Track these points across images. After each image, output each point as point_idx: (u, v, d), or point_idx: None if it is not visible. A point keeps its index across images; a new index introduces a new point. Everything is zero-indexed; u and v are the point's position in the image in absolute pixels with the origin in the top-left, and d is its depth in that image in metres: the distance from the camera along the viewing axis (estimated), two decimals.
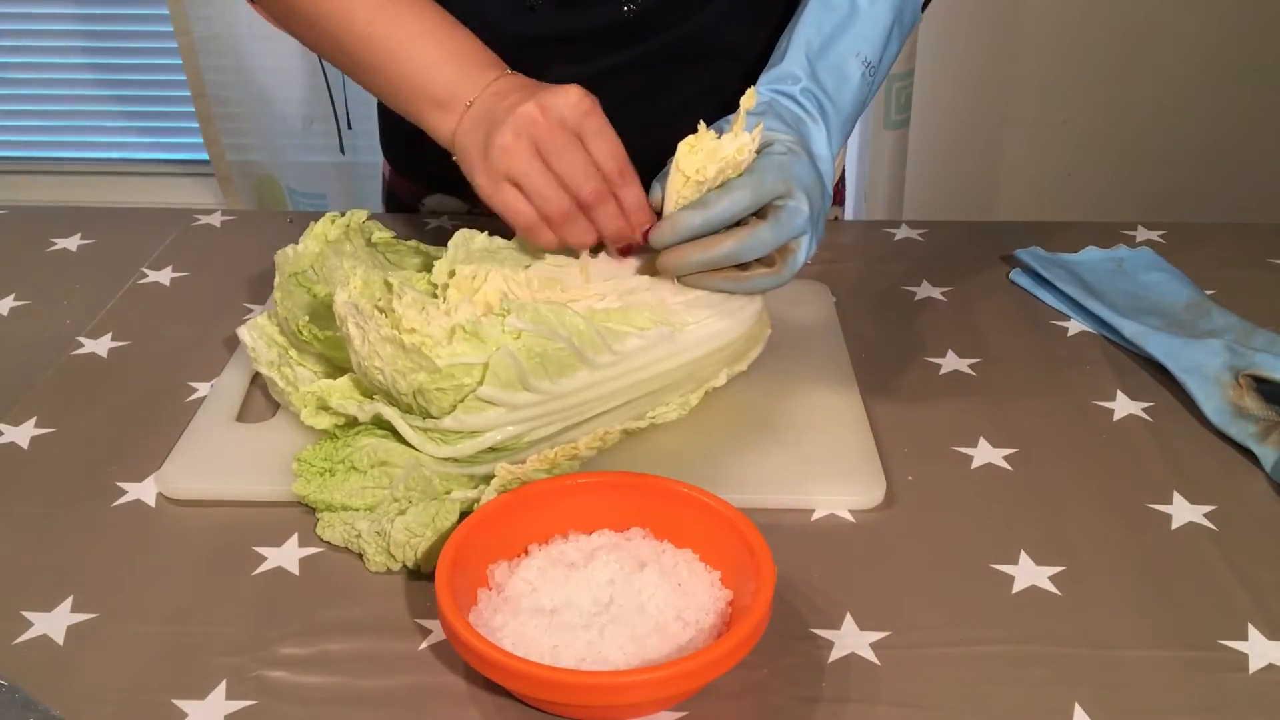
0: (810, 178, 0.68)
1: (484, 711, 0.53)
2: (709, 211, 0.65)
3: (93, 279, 0.90)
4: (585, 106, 0.67)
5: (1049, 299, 0.86)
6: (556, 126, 0.66)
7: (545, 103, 0.66)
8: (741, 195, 0.65)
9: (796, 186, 0.66)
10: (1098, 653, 0.56)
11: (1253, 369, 0.72)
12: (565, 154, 0.66)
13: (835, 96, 0.75)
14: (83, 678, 0.55)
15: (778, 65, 0.76)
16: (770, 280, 0.68)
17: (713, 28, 0.85)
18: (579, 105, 0.67)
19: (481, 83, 0.71)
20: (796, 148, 0.68)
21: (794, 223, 0.66)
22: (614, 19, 0.84)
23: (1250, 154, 1.91)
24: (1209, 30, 1.82)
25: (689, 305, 0.67)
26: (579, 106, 0.67)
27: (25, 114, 2.15)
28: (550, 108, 0.66)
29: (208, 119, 1.95)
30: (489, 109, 0.69)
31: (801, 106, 0.73)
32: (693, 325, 0.67)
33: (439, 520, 0.60)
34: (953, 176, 1.97)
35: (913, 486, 0.67)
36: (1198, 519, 0.65)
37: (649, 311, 0.66)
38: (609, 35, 0.85)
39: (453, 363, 0.61)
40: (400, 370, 0.61)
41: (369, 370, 0.63)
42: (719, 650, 0.50)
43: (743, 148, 0.65)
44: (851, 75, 0.76)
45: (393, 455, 0.64)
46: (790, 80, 0.74)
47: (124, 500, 0.66)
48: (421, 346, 0.61)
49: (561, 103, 0.67)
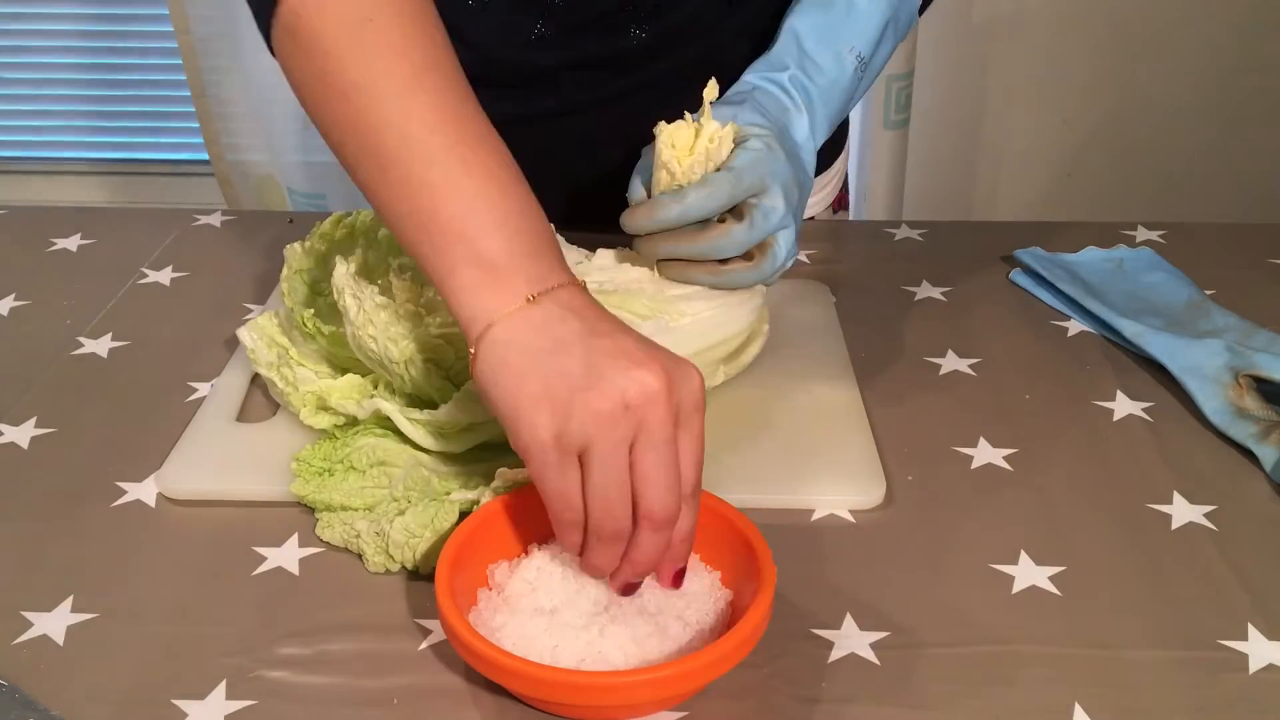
0: (787, 174, 0.68)
1: (484, 711, 0.53)
2: (685, 205, 0.65)
3: (93, 279, 0.90)
4: (700, 397, 0.53)
5: (1049, 299, 0.86)
6: (674, 419, 0.51)
7: (675, 381, 0.51)
8: (718, 191, 0.65)
9: (773, 183, 0.67)
10: (1098, 653, 0.56)
11: (1253, 369, 0.72)
12: (664, 454, 0.51)
13: (824, 87, 0.74)
14: (83, 678, 0.55)
15: (768, 53, 0.76)
16: (750, 275, 0.68)
17: (721, 50, 0.84)
18: (698, 394, 0.53)
19: (552, 281, 0.54)
20: (774, 143, 0.68)
21: (769, 221, 0.66)
22: (623, 45, 0.83)
23: (1250, 154, 1.91)
24: (1209, 30, 1.82)
25: (686, 298, 0.68)
26: (697, 395, 0.53)
27: (25, 114, 2.15)
28: (676, 386, 0.51)
29: (208, 119, 1.95)
30: (570, 335, 0.52)
31: (787, 93, 0.73)
32: (689, 318, 0.67)
33: (438, 521, 0.60)
34: (953, 176, 1.97)
35: (913, 486, 0.67)
36: (1198, 519, 0.65)
37: (646, 300, 0.66)
38: (618, 61, 0.85)
39: (445, 331, 0.61)
40: (392, 337, 0.61)
41: (363, 341, 0.63)
42: (719, 650, 0.50)
43: (715, 137, 0.65)
44: (845, 68, 0.75)
45: (391, 455, 0.64)
46: (779, 67, 0.74)
47: (124, 500, 0.66)
48: (417, 314, 0.61)
49: (686, 387, 0.52)
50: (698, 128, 0.66)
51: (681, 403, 0.52)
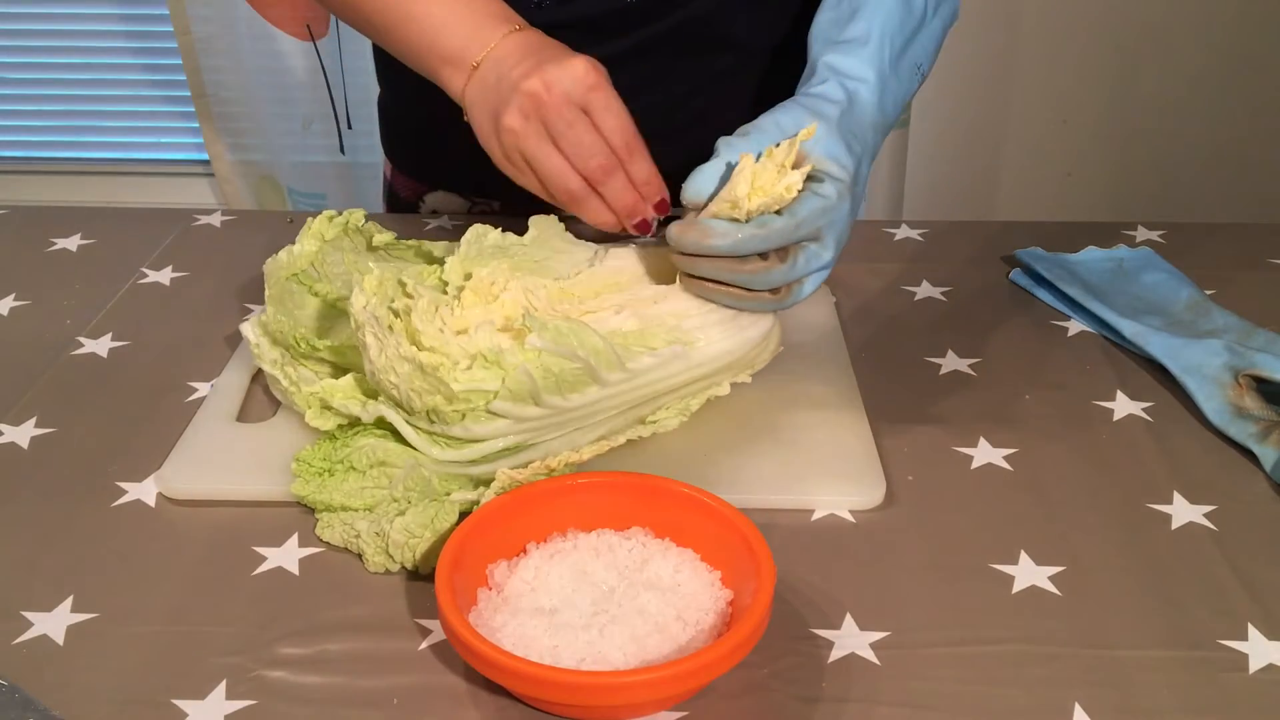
0: (844, 225, 0.66)
1: (484, 711, 0.53)
2: (737, 243, 0.63)
3: (93, 279, 0.90)
4: (591, 80, 0.66)
5: (1049, 299, 0.86)
6: (562, 103, 0.66)
7: (550, 78, 0.66)
8: (772, 237, 0.63)
9: (829, 234, 0.65)
10: (1098, 653, 0.56)
11: (1253, 369, 0.72)
12: (570, 131, 0.66)
13: (895, 106, 0.72)
14: (83, 678, 0.55)
15: (864, 45, 0.71)
16: (770, 305, 0.67)
17: (712, 16, 0.85)
18: (585, 79, 0.66)
19: (489, 41, 0.70)
20: (846, 191, 0.65)
21: (811, 265, 0.65)
22: (613, 7, 0.84)
23: (1250, 154, 1.91)
24: (1209, 30, 1.82)
25: (702, 328, 0.67)
26: (585, 80, 0.66)
27: (25, 114, 2.15)
28: (555, 83, 0.66)
29: (208, 119, 1.95)
30: (496, 76, 0.69)
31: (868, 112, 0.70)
32: (703, 343, 0.67)
33: (438, 521, 0.60)
34: (953, 176, 1.97)
35: (913, 486, 0.67)
36: (1198, 519, 0.65)
37: (664, 332, 0.65)
38: (609, 23, 0.85)
39: (469, 388, 0.60)
40: (416, 390, 0.61)
41: (382, 382, 0.63)
42: (719, 650, 0.50)
43: (791, 187, 0.63)
44: (913, 84, 0.74)
45: (391, 455, 0.64)
46: (879, 82, 0.70)
47: (124, 500, 0.66)
48: (439, 369, 0.60)
49: (567, 77, 0.66)
50: (781, 169, 0.63)
51: (569, 92, 0.66)
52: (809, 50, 0.73)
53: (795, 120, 0.66)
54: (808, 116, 0.66)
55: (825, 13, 0.75)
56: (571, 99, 0.66)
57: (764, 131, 0.66)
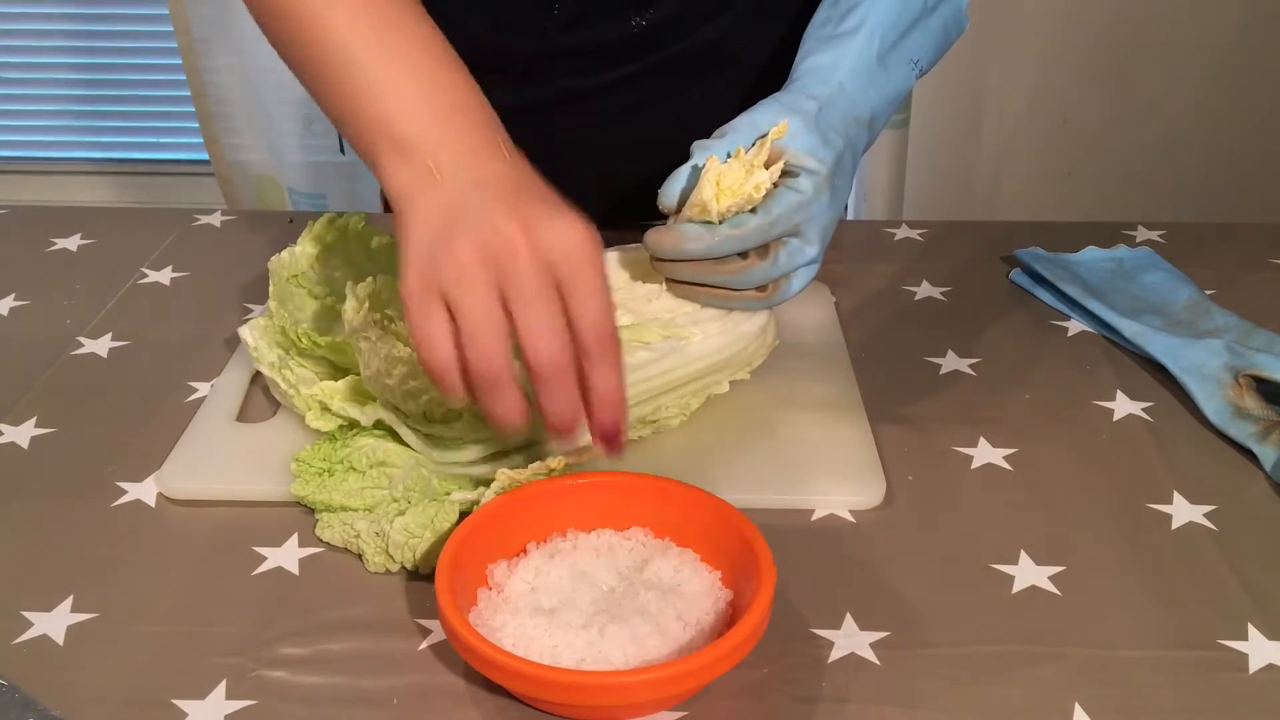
0: (826, 218, 0.65)
1: (484, 711, 0.53)
2: (712, 244, 0.63)
3: (93, 279, 0.90)
4: (586, 255, 0.53)
5: (1049, 299, 0.86)
6: (539, 268, 0.52)
7: (537, 232, 0.53)
8: (748, 236, 0.63)
9: (809, 228, 0.64)
10: (1098, 653, 0.56)
11: (1253, 369, 0.72)
12: (535, 304, 0.52)
13: (885, 99, 0.71)
14: (83, 678, 0.55)
15: (851, 38, 0.69)
16: (757, 304, 0.67)
17: (722, 39, 0.84)
18: (578, 251, 0.53)
19: (463, 145, 0.57)
20: (824, 184, 0.64)
21: (794, 261, 0.65)
22: (623, 34, 0.83)
23: (1250, 154, 1.91)
24: (1209, 30, 1.82)
25: (697, 322, 0.67)
26: (578, 253, 0.53)
27: (25, 114, 2.15)
28: (541, 242, 0.53)
29: (208, 119, 1.95)
30: (461, 194, 0.55)
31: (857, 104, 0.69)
32: (698, 339, 0.67)
33: (438, 521, 0.60)
34: (953, 176, 1.97)
35: (913, 486, 0.67)
36: (1198, 519, 0.65)
37: (659, 327, 0.66)
38: (617, 49, 0.84)
39: None
40: (411, 391, 0.61)
41: (379, 385, 0.63)
42: (719, 650, 0.50)
43: (760, 186, 0.63)
44: (907, 79, 0.72)
45: (391, 456, 0.64)
46: (864, 75, 0.69)
47: (124, 500, 0.66)
48: None
49: (557, 241, 0.53)
50: (749, 168, 0.63)
51: (554, 261, 0.52)
52: (800, 47, 0.73)
53: (771, 118, 0.65)
54: (783, 113, 0.65)
55: (821, 11, 0.75)
56: (553, 269, 0.53)
57: (739, 131, 0.65)
